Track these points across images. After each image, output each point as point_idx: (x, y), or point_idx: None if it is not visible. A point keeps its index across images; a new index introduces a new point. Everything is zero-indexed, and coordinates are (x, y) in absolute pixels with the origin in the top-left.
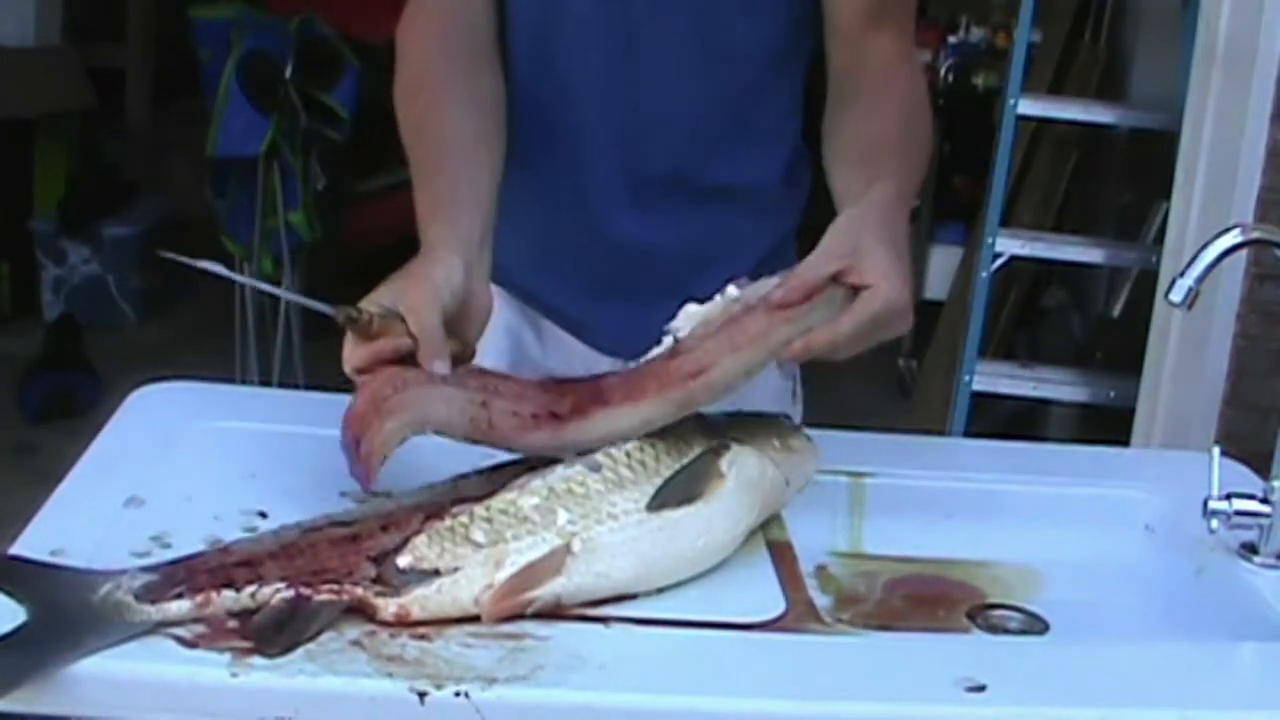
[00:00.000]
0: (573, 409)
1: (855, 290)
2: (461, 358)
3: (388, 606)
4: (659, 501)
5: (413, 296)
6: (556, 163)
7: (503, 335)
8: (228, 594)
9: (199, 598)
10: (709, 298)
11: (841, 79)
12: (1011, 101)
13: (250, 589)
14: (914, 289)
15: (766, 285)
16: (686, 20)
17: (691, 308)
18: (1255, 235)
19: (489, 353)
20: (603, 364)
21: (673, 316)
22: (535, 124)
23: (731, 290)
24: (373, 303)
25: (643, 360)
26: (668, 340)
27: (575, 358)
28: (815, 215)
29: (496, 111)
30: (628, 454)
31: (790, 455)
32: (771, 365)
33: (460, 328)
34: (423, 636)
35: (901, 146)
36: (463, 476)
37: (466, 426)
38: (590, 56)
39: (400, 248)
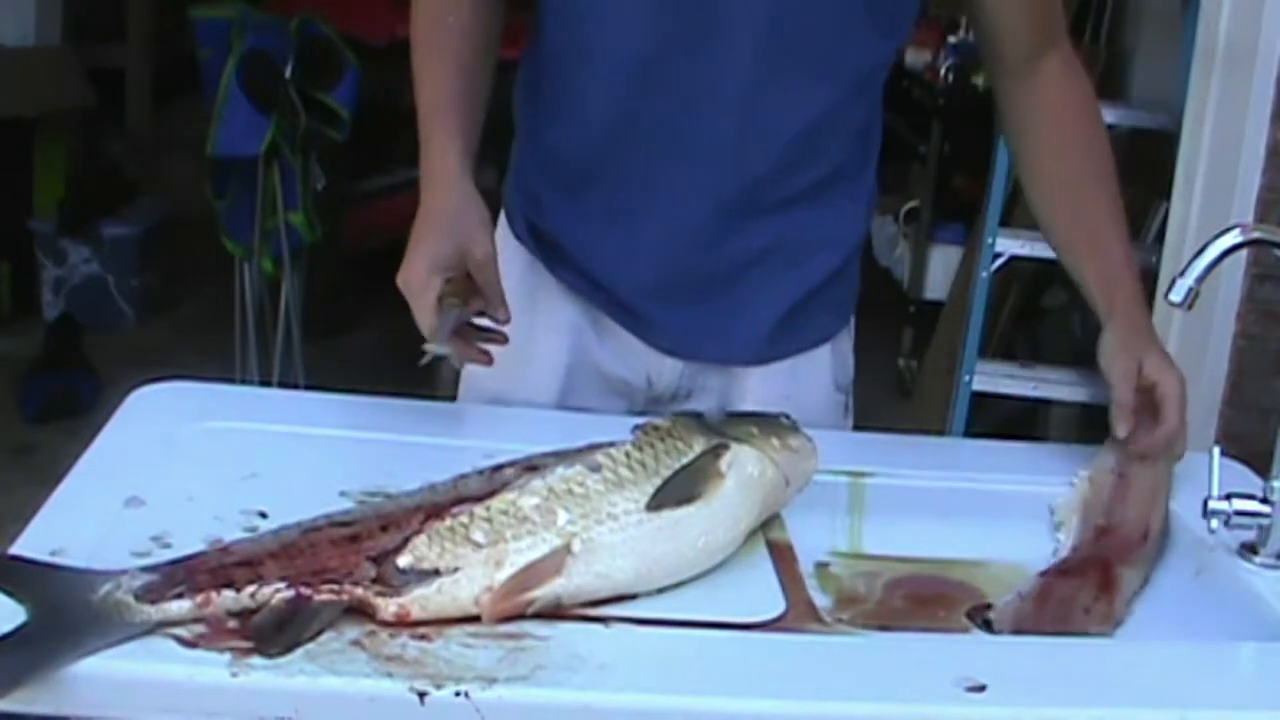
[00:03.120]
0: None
1: (1149, 391)
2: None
3: (388, 606)
4: (658, 501)
5: (479, 252)
6: (653, 165)
7: (565, 332)
8: (228, 594)
9: (199, 598)
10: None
11: (1020, 113)
12: None
13: (250, 589)
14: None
15: (1106, 462)
16: (812, 37)
17: (1061, 500)
18: (1255, 235)
19: (548, 349)
20: (662, 364)
21: (733, 314)
22: (637, 128)
23: (1082, 472)
24: (440, 268)
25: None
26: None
27: (634, 357)
28: None
29: (494, 39)
30: (627, 454)
31: (790, 455)
32: (827, 377)
33: None
34: (423, 636)
35: (1110, 188)
36: (463, 476)
37: None
38: (722, 79)
39: (400, 248)
